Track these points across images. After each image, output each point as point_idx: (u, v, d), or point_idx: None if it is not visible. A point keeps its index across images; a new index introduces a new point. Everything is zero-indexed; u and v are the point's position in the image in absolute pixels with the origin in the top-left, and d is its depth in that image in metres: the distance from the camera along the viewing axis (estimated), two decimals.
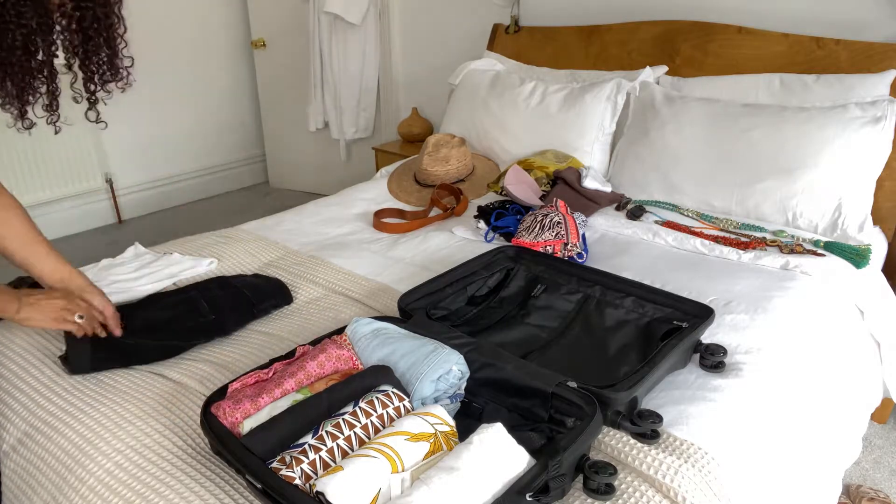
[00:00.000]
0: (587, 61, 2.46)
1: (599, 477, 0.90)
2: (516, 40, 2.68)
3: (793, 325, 1.36)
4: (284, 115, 3.87)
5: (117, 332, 1.29)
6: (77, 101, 1.05)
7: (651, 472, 0.94)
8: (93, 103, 1.06)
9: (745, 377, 1.17)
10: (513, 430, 0.92)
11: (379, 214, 2.01)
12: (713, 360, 1.19)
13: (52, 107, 1.03)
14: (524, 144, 2.32)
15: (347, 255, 1.72)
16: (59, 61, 1.00)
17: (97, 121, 1.08)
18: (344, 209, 2.12)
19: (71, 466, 1.04)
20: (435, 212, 2.08)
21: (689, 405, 1.09)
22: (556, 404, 1.02)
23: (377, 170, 2.80)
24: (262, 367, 1.10)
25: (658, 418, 1.01)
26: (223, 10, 3.81)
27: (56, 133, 1.17)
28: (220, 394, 1.04)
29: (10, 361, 1.29)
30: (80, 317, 1.22)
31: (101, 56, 1.00)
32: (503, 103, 2.39)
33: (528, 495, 0.82)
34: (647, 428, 0.99)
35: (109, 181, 3.52)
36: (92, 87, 1.04)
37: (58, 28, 0.94)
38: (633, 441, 0.99)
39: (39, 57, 0.93)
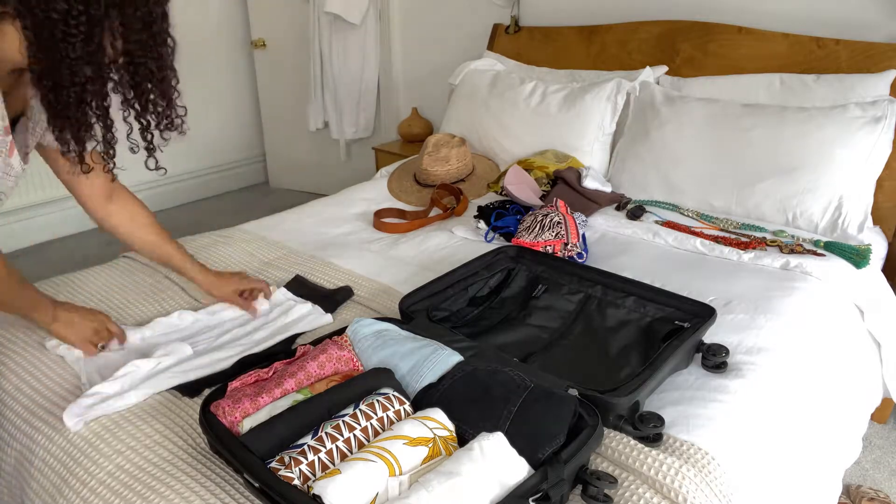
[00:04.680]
0: (587, 61, 2.46)
1: (601, 483, 0.89)
2: (516, 40, 2.68)
3: (793, 325, 1.36)
4: (284, 115, 3.87)
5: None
6: (134, 152, 1.09)
7: (652, 473, 0.94)
8: (151, 151, 1.09)
9: (745, 377, 1.17)
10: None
11: (379, 214, 2.01)
12: (715, 360, 1.19)
13: (109, 154, 1.07)
14: (524, 144, 2.32)
15: (347, 255, 1.72)
16: (116, 109, 1.03)
17: (157, 168, 1.10)
18: (344, 209, 2.11)
19: (71, 466, 1.04)
20: (435, 212, 2.08)
21: (689, 406, 1.09)
22: None
23: (377, 170, 2.80)
24: (262, 366, 1.10)
25: (660, 421, 1.00)
26: (223, 10, 3.81)
27: (112, 181, 1.26)
28: (220, 393, 1.04)
29: (10, 360, 1.29)
30: (102, 346, 1.28)
31: (157, 108, 1.03)
32: (503, 103, 2.39)
33: (530, 499, 0.82)
34: (649, 432, 0.99)
35: None
36: (149, 137, 1.07)
37: (112, 82, 0.98)
38: (633, 442, 0.99)
39: (95, 110, 0.97)
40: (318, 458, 0.86)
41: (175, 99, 1.05)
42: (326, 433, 0.89)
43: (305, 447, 0.87)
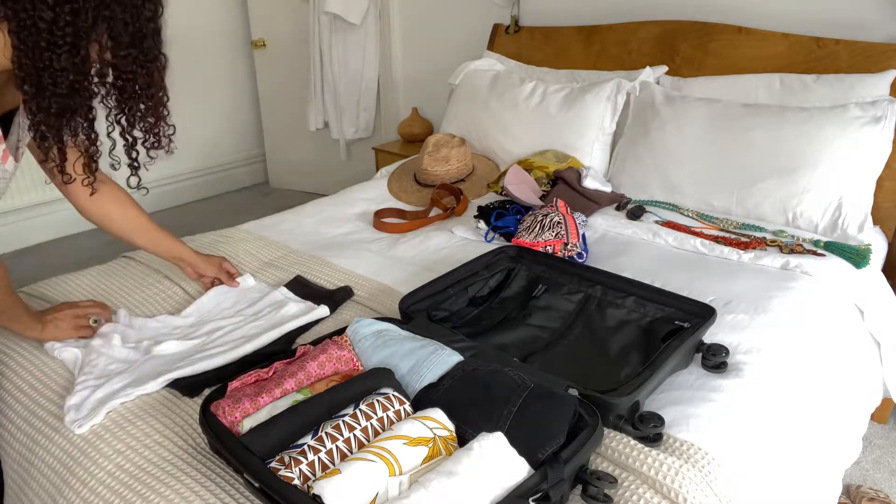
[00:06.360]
0: (587, 61, 2.46)
1: (601, 483, 0.89)
2: (516, 40, 2.68)
3: (793, 325, 1.36)
4: (284, 115, 3.87)
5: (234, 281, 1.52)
6: (115, 168, 1.10)
7: (652, 473, 0.94)
8: (134, 169, 1.08)
9: (745, 377, 1.17)
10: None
11: (379, 214, 2.01)
12: (715, 360, 1.19)
13: (90, 168, 1.07)
14: (524, 144, 2.32)
15: (347, 255, 1.72)
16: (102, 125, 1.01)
17: (139, 187, 1.09)
18: (344, 209, 2.11)
19: (71, 466, 1.04)
20: (435, 212, 2.08)
21: (689, 406, 1.09)
22: None
23: (377, 170, 2.80)
24: (262, 366, 1.10)
25: (660, 421, 1.00)
26: (223, 10, 3.81)
27: (91, 195, 1.26)
28: (220, 393, 1.04)
29: (10, 360, 1.29)
30: (95, 321, 1.33)
31: (144, 125, 1.02)
32: (503, 103, 2.39)
33: (530, 499, 0.82)
34: (649, 432, 0.99)
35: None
36: (134, 154, 1.06)
37: (98, 95, 0.96)
38: (633, 442, 0.99)
39: (77, 122, 0.96)
40: (318, 458, 0.86)
41: (164, 117, 1.04)
42: (326, 433, 0.89)
43: (305, 447, 0.87)
